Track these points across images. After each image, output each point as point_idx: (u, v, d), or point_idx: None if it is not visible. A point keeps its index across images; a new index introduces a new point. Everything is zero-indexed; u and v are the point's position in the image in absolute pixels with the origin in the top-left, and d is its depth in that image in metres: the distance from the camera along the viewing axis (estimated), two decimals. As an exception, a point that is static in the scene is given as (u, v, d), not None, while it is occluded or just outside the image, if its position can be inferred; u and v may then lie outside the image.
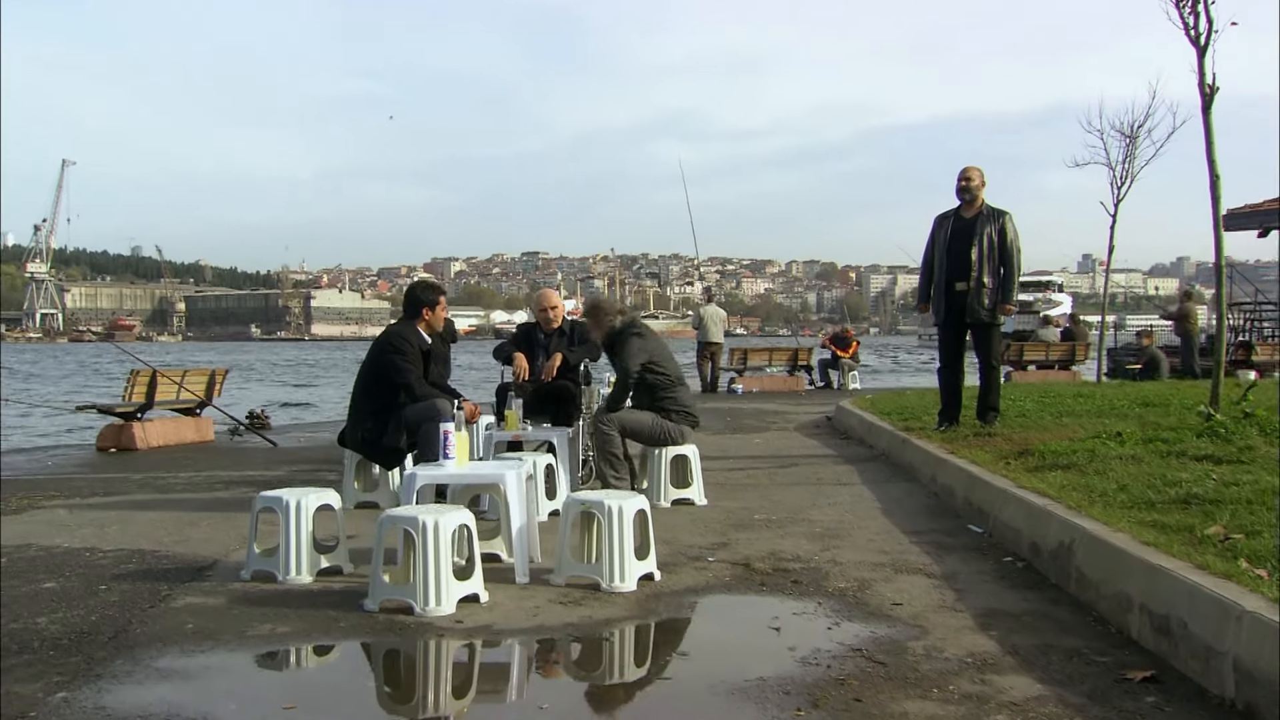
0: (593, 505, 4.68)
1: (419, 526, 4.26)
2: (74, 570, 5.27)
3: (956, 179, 8.65)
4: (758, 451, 9.93)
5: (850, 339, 21.62)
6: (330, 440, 12.48)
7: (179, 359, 70.72)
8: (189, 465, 9.95)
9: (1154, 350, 17.36)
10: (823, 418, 13.66)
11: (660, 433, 6.95)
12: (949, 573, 4.78)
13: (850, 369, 21.35)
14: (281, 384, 40.68)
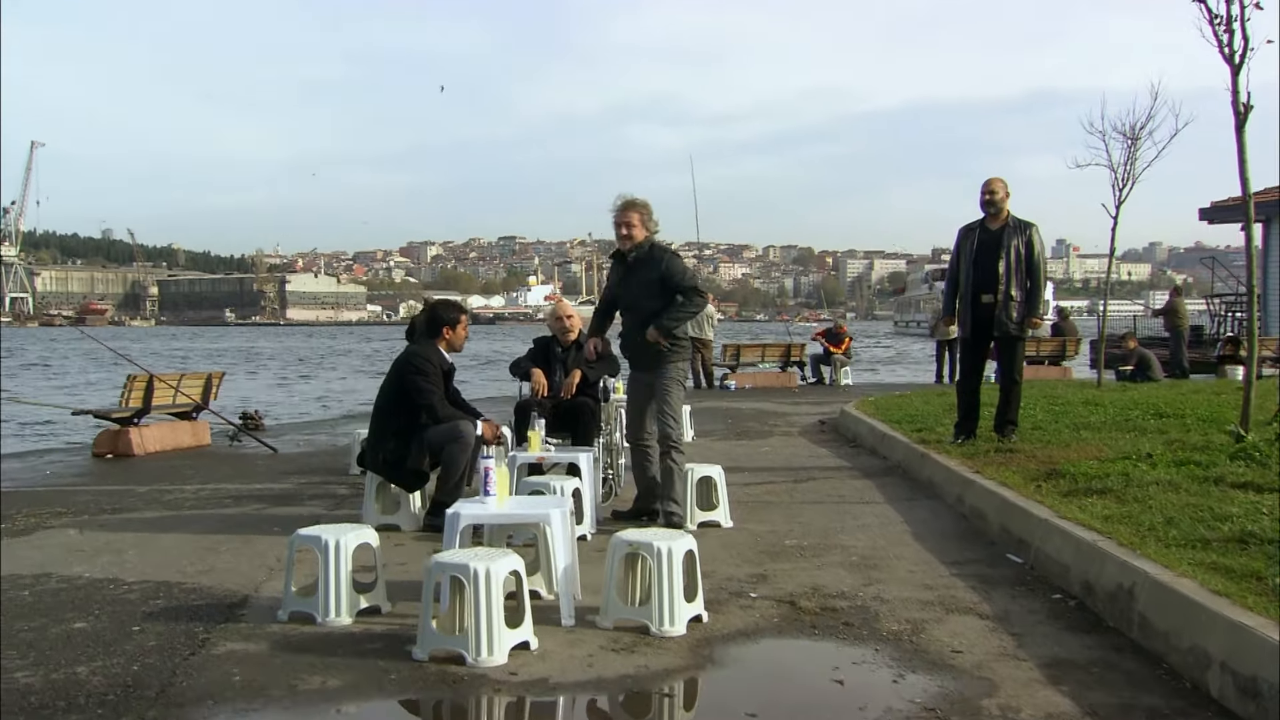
0: (641, 547, 4.59)
1: (470, 574, 4.16)
2: (102, 607, 5.14)
3: (980, 191, 8.59)
4: (768, 461, 9.85)
5: (843, 335, 21.57)
6: (330, 445, 12.37)
7: (154, 346, 70.42)
8: (192, 476, 9.79)
9: (1142, 351, 17.40)
10: (824, 419, 13.62)
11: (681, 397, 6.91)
12: (1001, 613, 4.71)
13: (842, 365, 21.32)
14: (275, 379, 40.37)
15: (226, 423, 13.07)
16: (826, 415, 14.12)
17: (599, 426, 7.69)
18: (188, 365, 45.32)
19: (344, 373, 42.66)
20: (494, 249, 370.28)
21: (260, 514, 7.71)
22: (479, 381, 27.75)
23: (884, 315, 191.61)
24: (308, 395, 29.14)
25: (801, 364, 21.46)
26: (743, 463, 9.82)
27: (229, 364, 47.77)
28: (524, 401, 7.65)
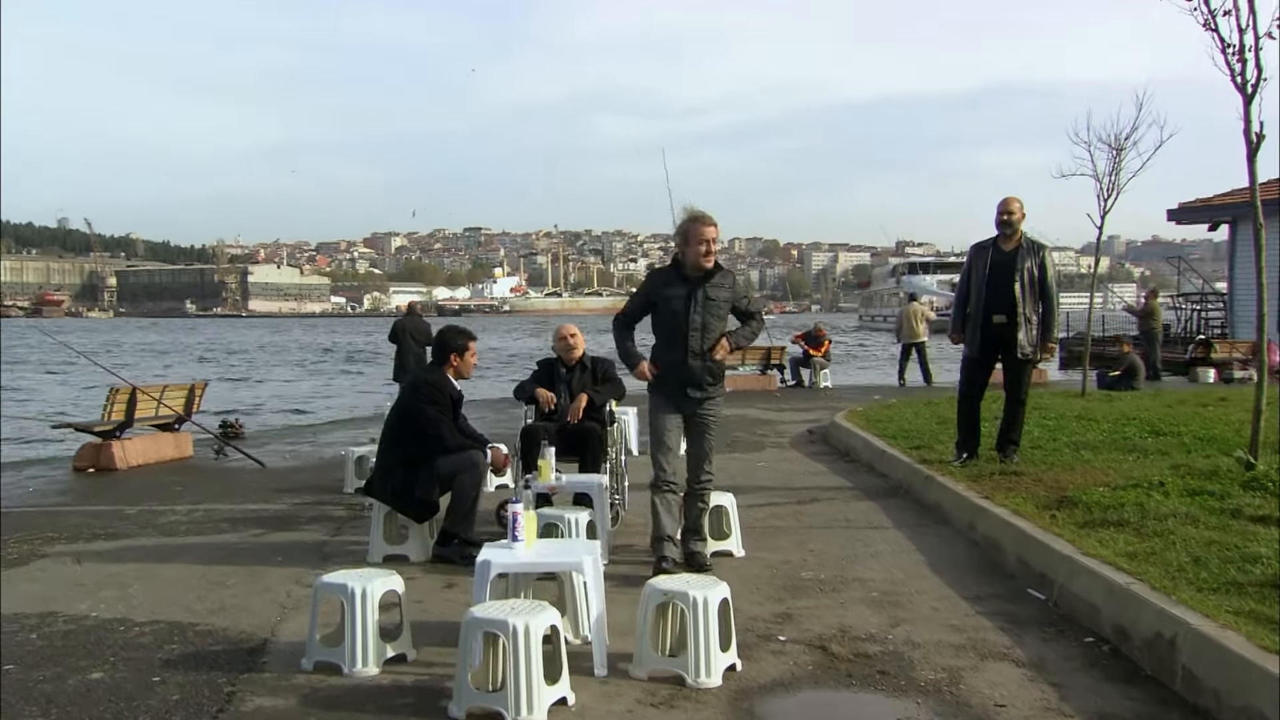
0: (675, 596, 4.52)
1: (509, 630, 4.07)
2: (116, 653, 5.02)
3: (997, 210, 8.53)
4: (767, 479, 9.81)
5: (823, 338, 21.62)
6: (317, 458, 12.20)
7: (114, 339, 69.50)
8: (181, 494, 9.65)
9: (1133, 358, 17.54)
10: (813, 429, 13.60)
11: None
12: (1035, 659, 4.68)
13: (822, 368, 21.36)
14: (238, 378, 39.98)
15: (209, 433, 12.89)
16: (814, 424, 14.11)
17: (606, 451, 7.60)
18: (167, 361, 44.86)
19: (314, 369, 42.41)
20: (459, 240, 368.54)
21: (260, 541, 7.58)
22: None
23: (848, 308, 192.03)
24: (281, 395, 28.87)
25: (781, 367, 21.48)
26: (741, 480, 9.76)
27: (206, 358, 47.35)
28: (530, 427, 7.54)
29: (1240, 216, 29.96)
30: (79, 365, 33.09)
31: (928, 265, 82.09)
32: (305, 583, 6.26)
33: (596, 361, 7.93)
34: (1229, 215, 30.40)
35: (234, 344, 70.96)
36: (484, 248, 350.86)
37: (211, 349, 62.15)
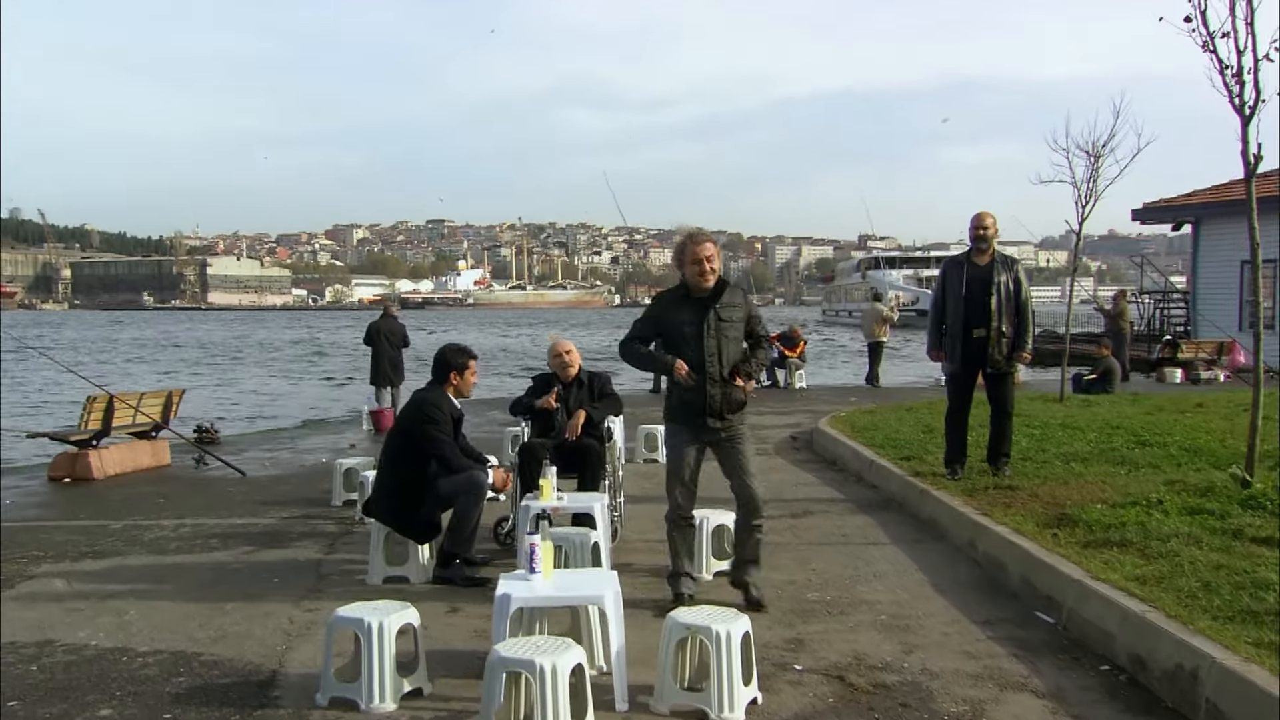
0: (699, 630, 4.49)
1: (535, 670, 4.03)
2: (122, 686, 4.94)
3: (972, 225, 8.61)
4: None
5: (798, 339, 21.67)
6: (299, 466, 12.07)
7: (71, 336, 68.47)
8: (164, 508, 9.52)
9: (1110, 361, 17.69)
10: (795, 435, 13.62)
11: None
12: (1054, 689, 4.69)
13: (797, 368, 21.41)
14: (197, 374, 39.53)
15: (184, 439, 12.75)
16: (796, 429, 14.13)
17: (605, 469, 7.56)
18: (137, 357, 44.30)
19: (285, 369, 42.02)
20: (422, 232, 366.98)
21: (253, 560, 7.48)
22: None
23: (812, 301, 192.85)
24: (252, 395, 28.58)
25: (757, 368, 21.46)
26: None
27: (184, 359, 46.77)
28: (529, 444, 7.49)
29: (1203, 216, 30.40)
30: (33, 360, 32.65)
31: (893, 260, 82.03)
32: (306, 607, 6.20)
33: (593, 377, 7.88)
34: (1192, 215, 30.83)
35: (200, 340, 70.27)
36: (447, 240, 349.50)
37: (183, 349, 61.37)
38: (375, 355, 16.73)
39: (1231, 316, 28.47)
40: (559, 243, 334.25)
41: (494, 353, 49.45)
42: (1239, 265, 29.19)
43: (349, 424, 17.59)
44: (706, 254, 5.98)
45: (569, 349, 7.81)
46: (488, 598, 6.28)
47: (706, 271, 5.96)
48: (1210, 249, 30.26)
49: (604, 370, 8.19)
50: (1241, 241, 29.12)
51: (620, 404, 7.94)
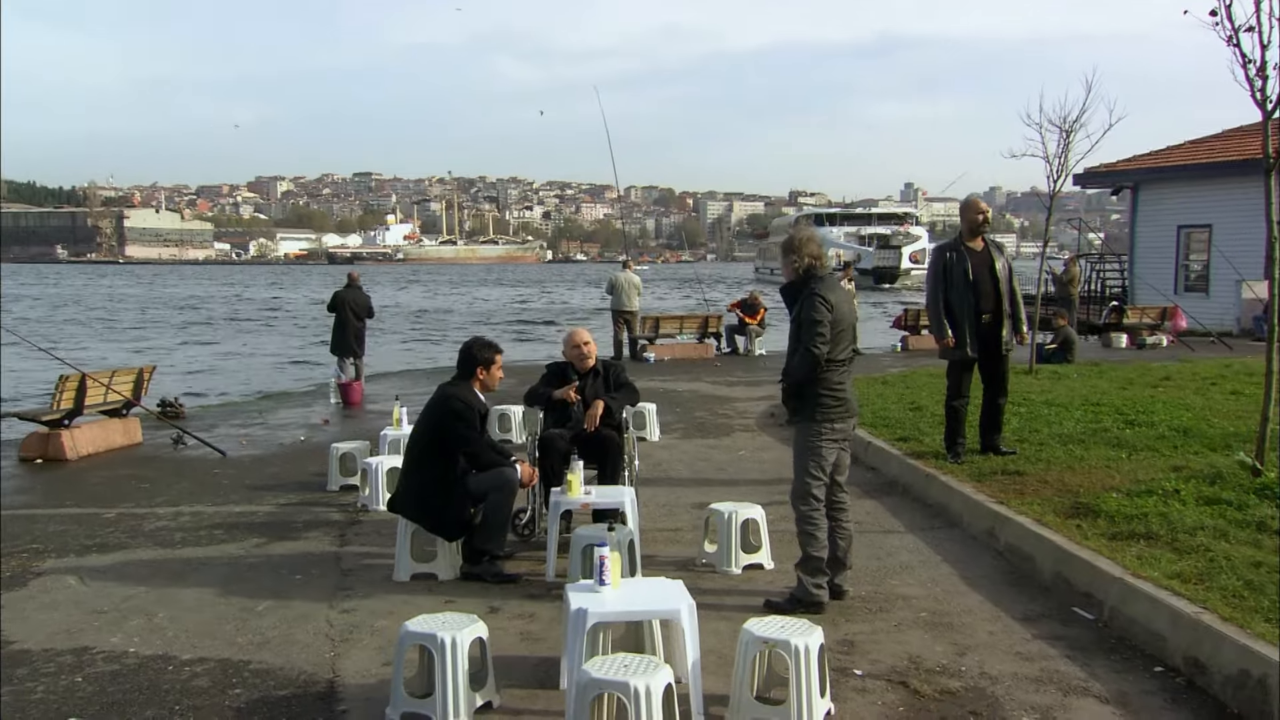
0: (777, 645, 4.50)
1: (631, 693, 4.01)
2: (178, 699, 4.84)
3: (972, 211, 8.71)
4: (755, 472, 9.82)
5: (758, 306, 21.76)
6: (278, 445, 11.85)
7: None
8: (151, 493, 9.37)
9: (1068, 330, 18.00)
10: (775, 407, 13.68)
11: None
12: (1117, 694, 4.76)
13: (757, 335, 21.52)
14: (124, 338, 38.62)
15: (164, 419, 12.51)
16: (771, 402, 14.20)
17: (626, 460, 7.53)
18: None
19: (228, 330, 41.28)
20: (349, 185, 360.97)
21: (267, 554, 7.36)
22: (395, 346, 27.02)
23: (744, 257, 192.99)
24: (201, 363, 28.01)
25: (718, 335, 21.57)
26: (730, 472, 9.80)
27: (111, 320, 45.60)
28: (549, 435, 7.42)
29: (1142, 182, 30.98)
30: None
31: (834, 216, 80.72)
32: (341, 609, 6.13)
33: (608, 366, 7.81)
34: (1131, 180, 31.41)
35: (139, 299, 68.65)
36: (375, 193, 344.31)
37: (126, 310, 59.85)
38: (340, 325, 16.51)
39: (1168, 280, 29.16)
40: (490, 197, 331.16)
41: (437, 314, 49.05)
42: (1175, 230, 29.89)
43: (312, 396, 17.33)
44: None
45: (586, 340, 7.73)
46: (523, 594, 6.32)
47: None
48: (1148, 214, 30.88)
49: (613, 360, 8.12)
50: (1178, 207, 29.87)
51: (637, 394, 7.89)
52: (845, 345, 5.99)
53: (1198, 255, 29.42)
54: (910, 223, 78.61)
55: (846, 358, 6.02)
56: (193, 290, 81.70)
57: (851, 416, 6.10)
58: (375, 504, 8.51)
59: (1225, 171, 28.12)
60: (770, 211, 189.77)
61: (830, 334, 5.85)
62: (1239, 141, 29.67)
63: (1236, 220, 27.60)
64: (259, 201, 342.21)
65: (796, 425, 6.14)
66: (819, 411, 5.93)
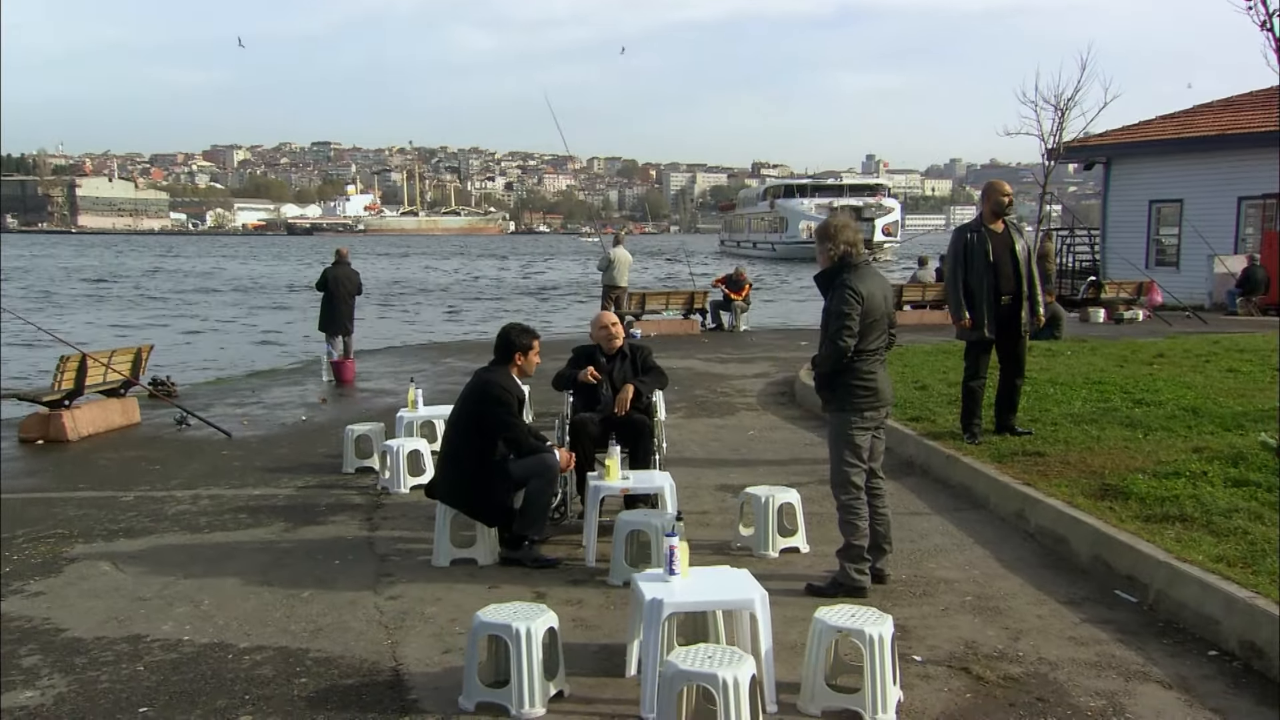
0: (851, 634, 4.55)
1: (719, 685, 4.04)
2: (246, 689, 4.83)
3: (996, 194, 8.75)
4: (768, 452, 9.87)
5: (743, 282, 21.81)
6: (279, 425, 11.77)
7: None
8: (164, 475, 9.32)
9: (1056, 307, 18.15)
10: (773, 384, 13.76)
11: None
12: (1177, 679, 4.84)
13: (742, 311, 21.58)
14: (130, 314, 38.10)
15: (146, 391, 12.39)
16: (766, 378, 14.28)
17: (657, 445, 7.54)
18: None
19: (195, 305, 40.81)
20: (307, 154, 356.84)
21: (298, 538, 7.33)
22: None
23: (707, 229, 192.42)
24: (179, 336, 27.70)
25: (703, 311, 21.61)
26: (744, 453, 9.84)
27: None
28: (580, 419, 7.41)
29: (1114, 157, 31.27)
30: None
31: (804, 188, 79.54)
32: (388, 595, 6.12)
33: (636, 349, 7.81)
34: (1103, 155, 31.68)
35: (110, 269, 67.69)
36: (334, 163, 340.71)
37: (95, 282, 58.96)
38: (330, 302, 16.37)
39: (1138, 254, 29.55)
40: (451, 168, 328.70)
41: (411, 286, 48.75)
42: (1147, 204, 30.25)
43: (301, 373, 17.18)
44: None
45: (614, 321, 7.73)
46: (565, 580, 6.34)
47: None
48: (1120, 188, 31.22)
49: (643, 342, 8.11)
50: (1149, 181, 30.19)
51: (665, 377, 7.90)
52: (877, 335, 5.99)
53: (1168, 230, 29.81)
54: (883, 194, 78.22)
55: (878, 347, 6.03)
56: (154, 262, 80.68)
57: (884, 405, 6.13)
58: (396, 487, 8.49)
59: (1197, 147, 28.49)
60: (733, 183, 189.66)
61: (860, 325, 5.87)
62: (1211, 117, 30.05)
63: (1207, 195, 27.99)
64: (215, 171, 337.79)
65: (829, 414, 6.18)
66: (850, 401, 5.98)
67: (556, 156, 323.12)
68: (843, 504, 6.03)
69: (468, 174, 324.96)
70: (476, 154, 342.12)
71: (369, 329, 27.09)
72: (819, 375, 6.14)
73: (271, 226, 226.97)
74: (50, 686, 4.90)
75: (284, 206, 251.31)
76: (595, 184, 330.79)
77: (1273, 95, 29.52)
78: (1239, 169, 27.19)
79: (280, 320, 32.13)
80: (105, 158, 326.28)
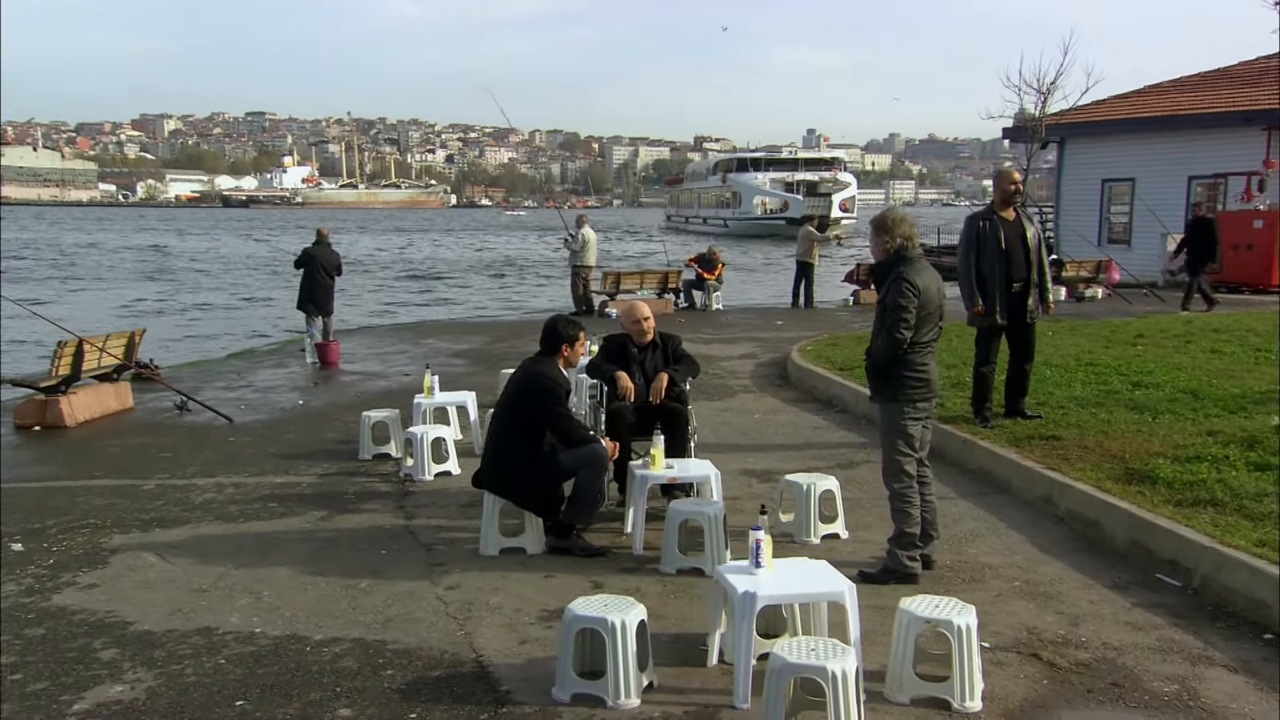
0: (941, 624, 4.67)
1: (829, 677, 4.16)
2: (336, 682, 4.88)
3: (1004, 182, 8.96)
4: (778, 436, 10.00)
5: (716, 260, 21.92)
6: (280, 410, 11.69)
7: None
8: (178, 462, 9.29)
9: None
10: (762, 366, 13.90)
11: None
12: (1241, 663, 5.01)
13: (714, 290, 21.71)
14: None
15: (169, 386, 12.22)
16: (758, 360, 14.42)
17: (693, 432, 7.62)
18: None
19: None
20: (241, 125, 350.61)
21: (336, 528, 7.34)
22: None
23: (650, 203, 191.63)
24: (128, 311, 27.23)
25: (677, 290, 21.71)
26: (754, 437, 9.96)
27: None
28: (616, 408, 7.47)
29: (1067, 136, 31.76)
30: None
31: (758, 161, 78.38)
32: (445, 584, 6.17)
33: (666, 339, 7.87)
34: (1057, 135, 32.18)
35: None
36: (269, 133, 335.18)
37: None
38: (309, 282, 16.21)
39: (1091, 232, 30.10)
40: (390, 139, 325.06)
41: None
42: (1099, 183, 30.81)
43: (280, 354, 17.04)
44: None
45: (646, 315, 7.77)
46: (617, 569, 6.42)
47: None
48: (1073, 167, 31.74)
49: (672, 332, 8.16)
50: (1101, 160, 30.74)
51: (697, 366, 7.97)
52: (930, 328, 6.12)
53: (1120, 208, 30.41)
54: (839, 168, 77.65)
55: (930, 339, 6.17)
56: (90, 237, 79.11)
57: (934, 396, 6.28)
58: (421, 474, 8.50)
59: (1148, 127, 29.05)
60: (676, 157, 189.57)
61: (916, 318, 6.00)
62: (1161, 98, 30.63)
63: (1158, 175, 28.56)
64: (145, 140, 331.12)
65: (880, 404, 6.30)
66: (902, 392, 6.11)
67: (498, 129, 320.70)
68: (896, 493, 6.16)
69: (407, 146, 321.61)
70: (416, 126, 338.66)
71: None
72: (872, 366, 6.25)
73: (206, 199, 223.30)
74: (138, 680, 4.90)
75: (218, 178, 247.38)
76: (538, 157, 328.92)
77: (1220, 76, 30.25)
78: (1189, 149, 27.82)
79: (235, 298, 31.72)
80: (29, 126, 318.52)
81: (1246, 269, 23.91)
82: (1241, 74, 29.38)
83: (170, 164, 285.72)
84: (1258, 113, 25.70)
